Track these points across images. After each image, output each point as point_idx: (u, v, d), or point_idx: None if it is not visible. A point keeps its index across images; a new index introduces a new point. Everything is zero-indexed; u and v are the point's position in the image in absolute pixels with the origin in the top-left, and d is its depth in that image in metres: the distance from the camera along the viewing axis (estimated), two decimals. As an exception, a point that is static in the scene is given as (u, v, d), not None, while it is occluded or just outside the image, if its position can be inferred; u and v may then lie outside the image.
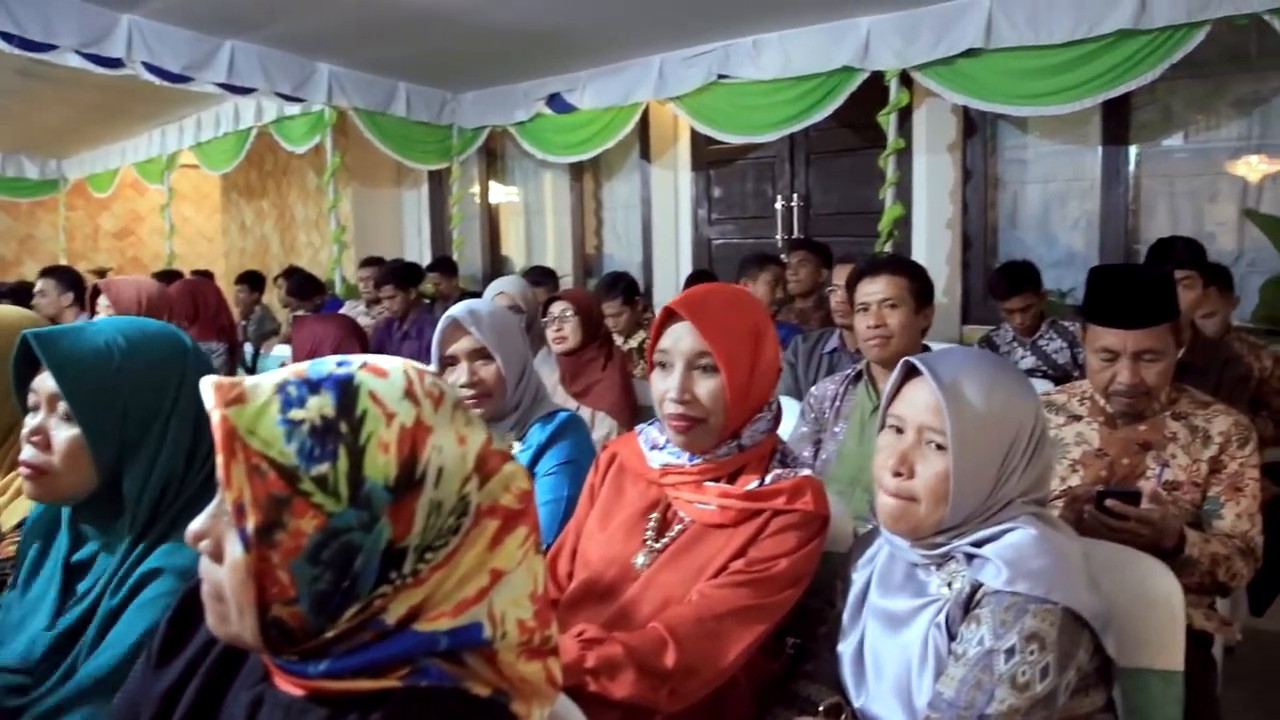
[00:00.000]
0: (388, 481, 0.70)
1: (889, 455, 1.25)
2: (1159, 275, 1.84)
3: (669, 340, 1.42)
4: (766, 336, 1.43)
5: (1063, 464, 1.95)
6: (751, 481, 1.41)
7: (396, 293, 4.71)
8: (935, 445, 1.22)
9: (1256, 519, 1.83)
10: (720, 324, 1.37)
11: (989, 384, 1.22)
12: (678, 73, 5.29)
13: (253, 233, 9.40)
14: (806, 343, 3.21)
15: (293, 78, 5.70)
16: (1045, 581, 1.14)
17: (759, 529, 1.37)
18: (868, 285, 2.37)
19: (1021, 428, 1.22)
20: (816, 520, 1.38)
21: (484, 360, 1.83)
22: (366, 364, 0.75)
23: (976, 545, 1.21)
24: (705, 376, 1.39)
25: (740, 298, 1.45)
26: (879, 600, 1.30)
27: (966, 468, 1.19)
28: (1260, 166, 4.33)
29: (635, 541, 1.44)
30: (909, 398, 1.27)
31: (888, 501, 1.24)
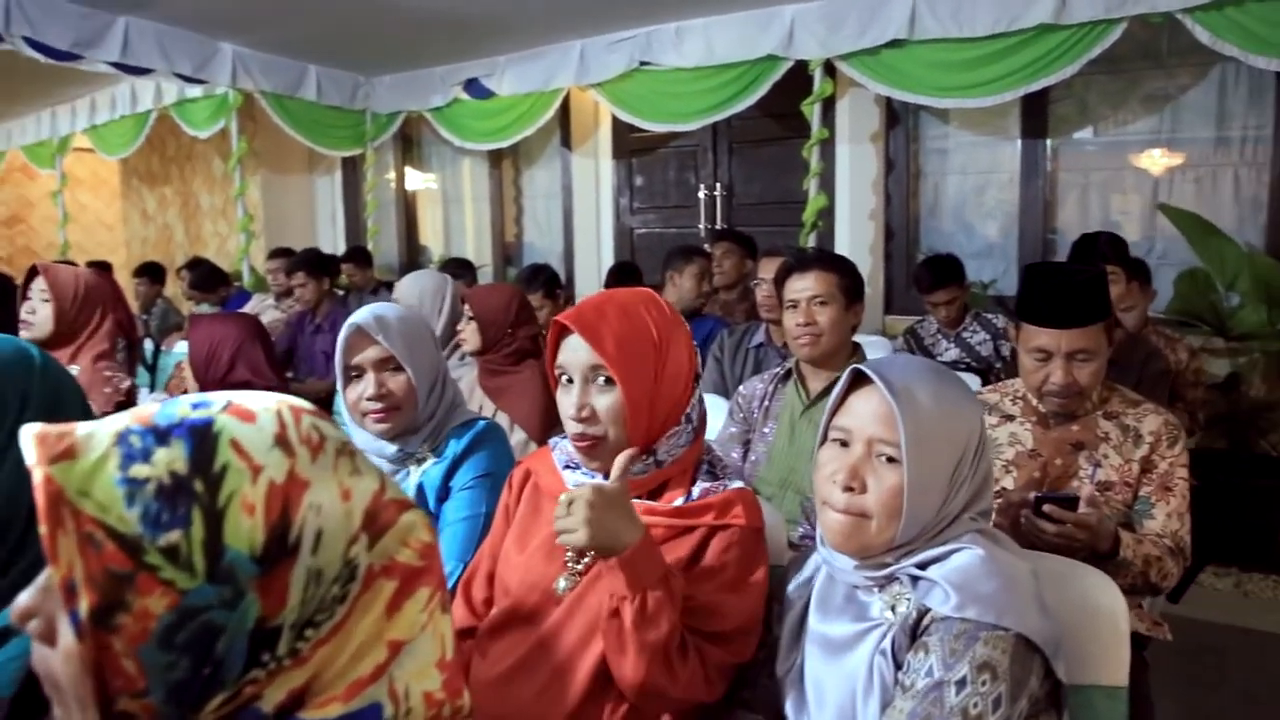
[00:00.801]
0: (254, 550, 0.58)
1: (837, 470, 1.17)
2: (1093, 274, 1.82)
3: (565, 354, 1.32)
4: (673, 343, 1.33)
5: (996, 465, 1.91)
6: (677, 497, 1.32)
7: (308, 282, 4.50)
8: (887, 458, 1.14)
9: (1186, 518, 1.82)
10: (615, 334, 1.28)
11: (937, 392, 1.15)
12: (599, 59, 5.17)
13: (155, 221, 8.97)
14: (732, 337, 3.14)
15: (193, 58, 5.39)
16: (996, 606, 1.07)
17: (698, 546, 1.28)
18: (797, 282, 2.30)
19: (970, 437, 1.17)
20: (753, 535, 1.30)
21: (393, 371, 1.70)
22: (230, 405, 0.62)
23: (922, 567, 1.15)
24: (602, 391, 1.29)
25: (638, 304, 1.34)
26: (818, 625, 1.23)
27: (920, 481, 1.12)
28: (1170, 161, 4.42)
29: (556, 564, 1.34)
30: (856, 409, 1.19)
31: (837, 519, 1.16)
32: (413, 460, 1.73)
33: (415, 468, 1.73)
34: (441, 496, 1.68)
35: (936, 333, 3.80)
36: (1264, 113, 4.18)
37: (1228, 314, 3.84)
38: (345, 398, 1.71)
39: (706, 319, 3.59)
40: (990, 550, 1.13)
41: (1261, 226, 4.19)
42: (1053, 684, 1.12)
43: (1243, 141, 4.27)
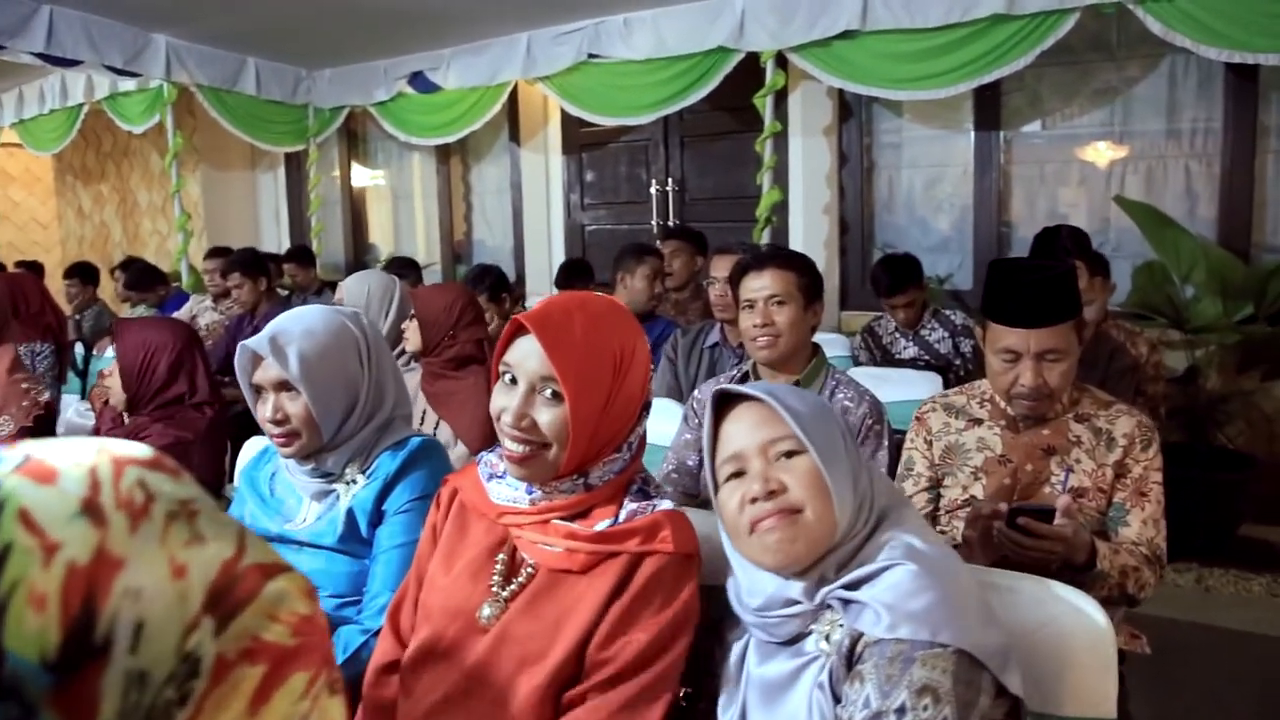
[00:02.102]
0: (46, 655, 0.44)
1: (747, 493, 1.10)
2: (1061, 271, 1.73)
3: (515, 354, 1.21)
4: (634, 366, 1.23)
5: (964, 472, 1.83)
6: (604, 520, 1.22)
7: (244, 282, 4.32)
8: (786, 453, 1.11)
9: (1161, 525, 1.76)
10: (577, 349, 1.17)
11: (786, 386, 1.18)
12: (547, 51, 5.04)
13: (91, 220, 8.67)
14: (686, 337, 3.03)
15: (124, 50, 5.17)
16: (931, 622, 0.99)
17: (622, 576, 1.17)
18: (753, 281, 2.18)
19: (836, 420, 1.17)
20: (682, 561, 1.20)
21: (291, 394, 1.55)
22: (27, 461, 0.49)
23: (853, 588, 1.06)
24: (548, 404, 1.19)
25: (608, 318, 1.24)
26: (757, 668, 1.14)
27: (828, 453, 1.09)
28: (1121, 153, 4.40)
29: (481, 589, 1.23)
30: (737, 432, 1.15)
31: (771, 532, 1.08)
32: (341, 481, 1.60)
33: (344, 489, 1.59)
34: (374, 521, 1.55)
35: (894, 331, 3.73)
36: (1213, 105, 4.17)
37: (1184, 306, 3.82)
38: (256, 415, 1.58)
39: (658, 320, 3.47)
40: (921, 563, 1.04)
41: (1212, 219, 4.18)
42: (1010, 702, 1.02)
43: (1192, 133, 4.26)
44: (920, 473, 1.89)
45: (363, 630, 1.47)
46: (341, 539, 1.54)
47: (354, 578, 1.55)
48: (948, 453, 1.86)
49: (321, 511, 1.59)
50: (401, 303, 2.90)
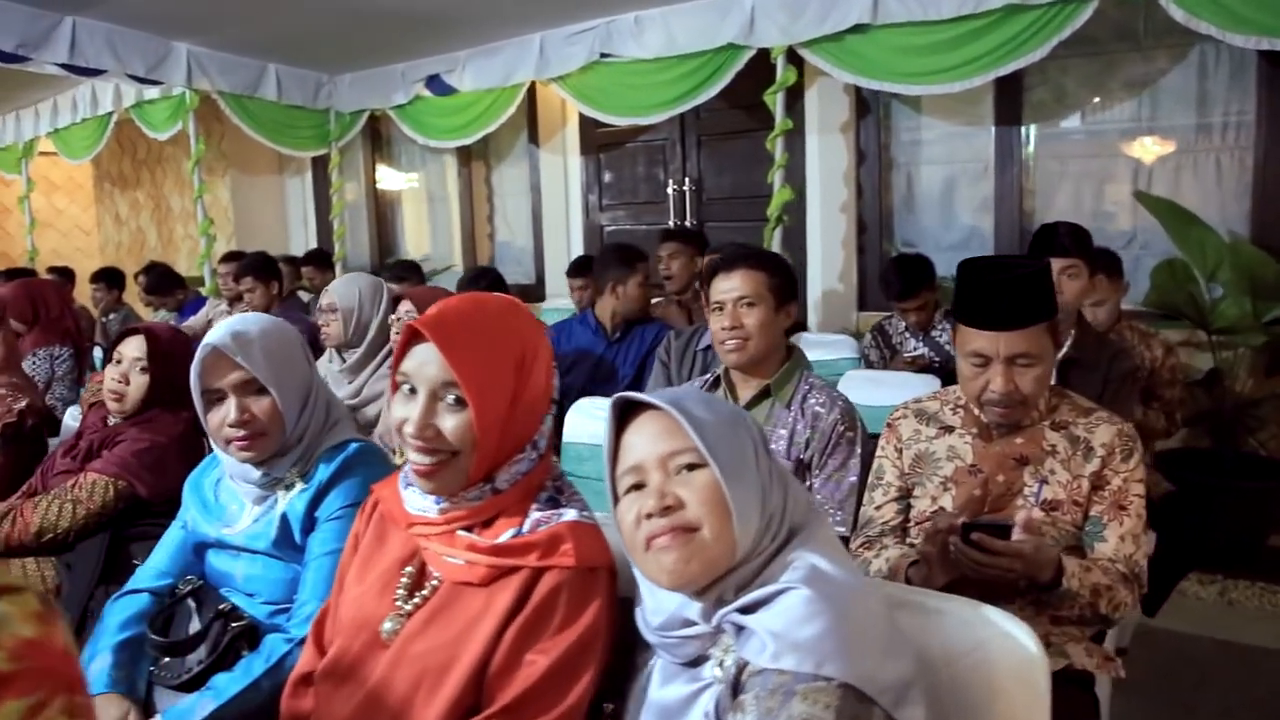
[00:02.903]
0: None
1: (643, 507, 1.03)
2: (1033, 270, 1.63)
3: (412, 363, 1.16)
4: (537, 364, 1.19)
5: (933, 482, 1.74)
6: (509, 530, 1.16)
7: (256, 286, 4.34)
8: (687, 466, 1.04)
9: (1141, 540, 1.65)
10: (475, 351, 1.12)
11: (703, 399, 1.09)
12: (559, 51, 5.00)
13: (128, 225, 8.83)
14: (679, 340, 2.96)
15: (146, 58, 5.22)
16: (817, 652, 0.91)
17: (521, 592, 1.11)
18: (722, 282, 2.10)
19: (750, 431, 1.09)
20: (586, 575, 1.13)
21: (256, 394, 1.53)
22: None
23: (748, 611, 0.99)
24: (451, 410, 1.14)
25: (506, 317, 1.19)
26: (657, 691, 1.07)
27: (731, 468, 1.02)
28: (1151, 147, 4.25)
29: (386, 602, 1.18)
30: (638, 442, 1.07)
31: (666, 551, 1.01)
32: (280, 486, 1.56)
33: (283, 494, 1.56)
34: (307, 527, 1.52)
35: (904, 331, 3.63)
36: (1245, 95, 4.00)
37: (1208, 307, 3.66)
38: (207, 423, 1.55)
39: (653, 324, 3.40)
40: (819, 588, 0.96)
41: (1245, 215, 4.01)
42: None
43: (1224, 126, 4.09)
44: (890, 482, 1.81)
45: (287, 639, 1.43)
46: (275, 544, 1.51)
47: (288, 584, 1.52)
48: (918, 461, 1.77)
49: (259, 515, 1.56)
50: (389, 304, 2.86)
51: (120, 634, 1.50)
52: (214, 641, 1.44)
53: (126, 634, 1.50)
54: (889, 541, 1.74)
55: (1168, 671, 2.82)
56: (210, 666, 1.42)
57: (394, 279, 3.69)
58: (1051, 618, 1.59)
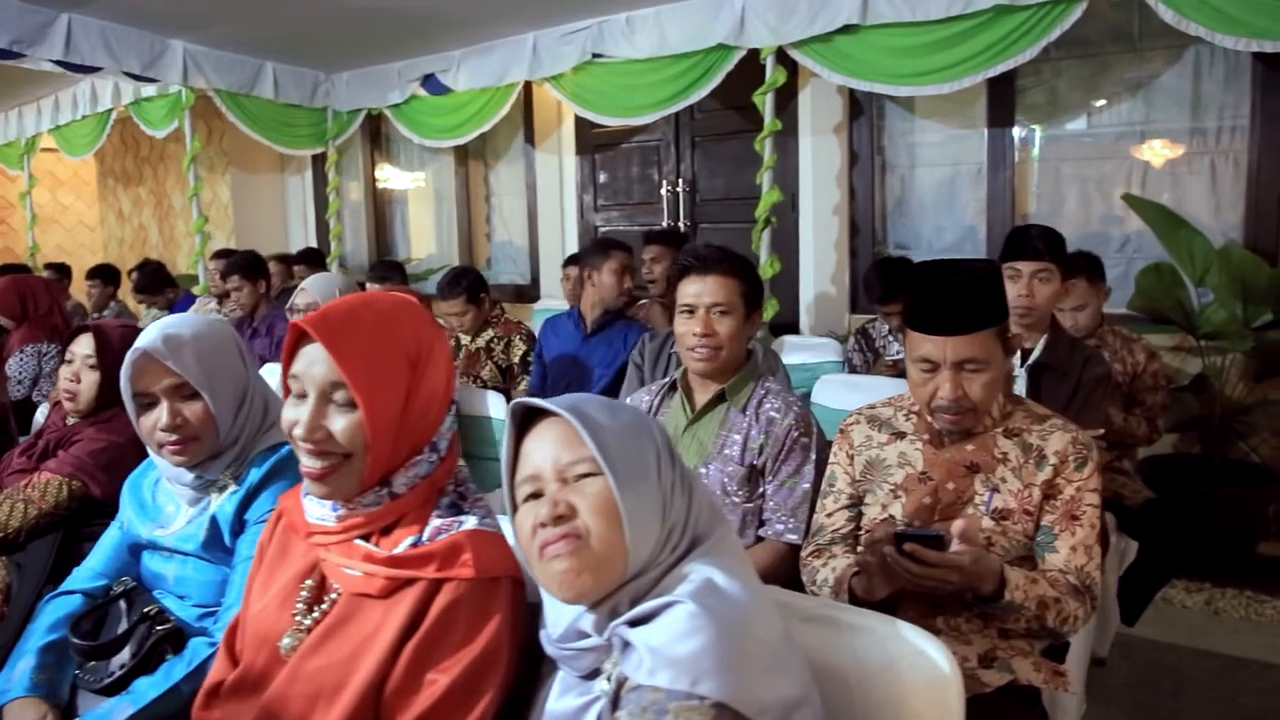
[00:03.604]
0: None
1: (537, 516, 1.00)
2: (980, 273, 1.60)
3: (301, 364, 1.14)
4: (432, 362, 1.16)
5: (884, 489, 1.70)
6: (408, 538, 1.13)
7: (243, 284, 4.34)
8: (582, 475, 1.01)
9: (1095, 551, 1.60)
10: (363, 349, 1.10)
11: (605, 405, 1.07)
12: (552, 51, 4.98)
13: (130, 222, 8.88)
14: (653, 342, 2.93)
15: (142, 56, 5.23)
16: (693, 670, 0.88)
17: (419, 605, 1.08)
18: (694, 285, 2.03)
19: (654, 438, 1.06)
20: (487, 587, 1.10)
21: (188, 398, 1.51)
22: None
23: (637, 624, 0.96)
24: (342, 412, 1.11)
25: (397, 314, 1.16)
26: (552, 704, 1.05)
27: (626, 478, 0.99)
28: (1145, 150, 4.20)
29: (286, 617, 1.16)
30: (537, 450, 1.04)
31: (557, 560, 0.98)
32: (214, 488, 1.55)
33: (216, 496, 1.54)
34: (236, 530, 1.50)
35: (888, 334, 3.58)
36: (1240, 98, 3.95)
37: (1196, 311, 3.61)
38: (139, 427, 1.53)
39: (634, 326, 3.38)
40: (707, 601, 0.94)
41: (1240, 218, 3.96)
42: None
43: (1218, 129, 4.04)
44: (841, 489, 1.78)
45: (210, 643, 1.41)
46: (204, 546, 1.50)
47: (218, 586, 1.50)
48: (869, 468, 1.74)
49: (193, 517, 1.54)
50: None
51: (48, 636, 1.49)
52: (138, 644, 1.43)
53: (54, 636, 1.49)
54: (838, 550, 1.71)
55: (1144, 681, 2.79)
56: (133, 670, 1.41)
57: (375, 279, 3.67)
58: (1000, 631, 1.56)
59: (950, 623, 1.56)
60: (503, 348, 3.58)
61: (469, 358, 3.59)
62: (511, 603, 1.11)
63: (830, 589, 1.63)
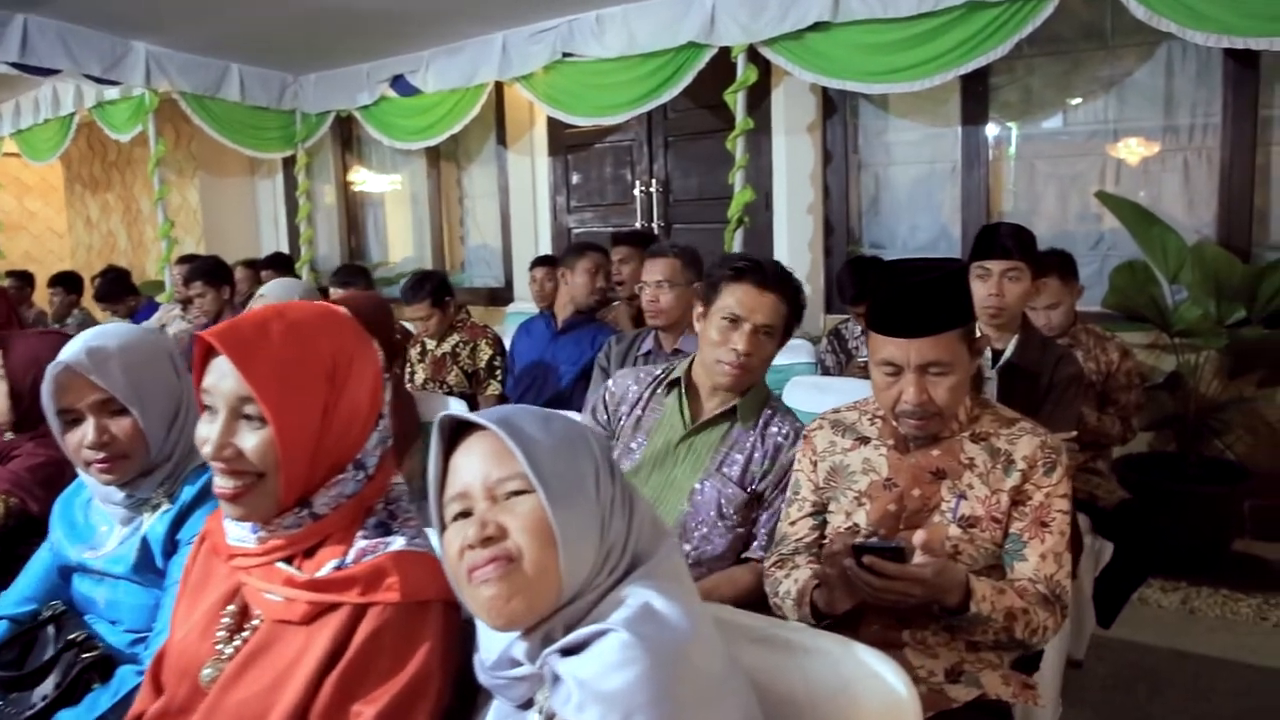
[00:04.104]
0: None
1: (466, 537, 0.93)
2: (944, 273, 1.55)
3: (211, 378, 1.08)
4: (354, 374, 1.09)
5: (847, 496, 1.65)
6: (331, 560, 1.07)
7: (207, 290, 4.25)
8: (513, 493, 0.95)
9: (1064, 559, 1.55)
10: (273, 361, 1.03)
11: (533, 412, 1.01)
12: (522, 50, 4.92)
13: (99, 228, 8.74)
14: (620, 345, 2.88)
15: (103, 58, 5.12)
16: (624, 704, 0.83)
17: (342, 633, 1.02)
18: (749, 297, 1.85)
19: (592, 452, 0.99)
20: (414, 612, 1.03)
21: (116, 414, 1.43)
22: None
23: (570, 653, 0.91)
24: (252, 428, 1.05)
25: (314, 323, 1.10)
26: None
27: (561, 494, 0.93)
28: (1119, 147, 4.18)
29: (207, 646, 1.09)
30: (465, 466, 0.98)
31: (486, 585, 0.91)
32: (147, 507, 1.47)
33: (149, 515, 1.47)
34: (169, 550, 1.43)
35: (860, 335, 3.54)
36: (1212, 95, 3.93)
37: (1170, 309, 3.58)
38: (64, 444, 1.45)
39: (603, 329, 3.31)
40: (643, 628, 0.88)
41: (1212, 216, 3.94)
42: None
43: (1191, 126, 4.02)
44: (805, 497, 1.72)
45: (138, 671, 1.34)
46: (135, 568, 1.42)
47: (151, 610, 1.43)
48: (833, 475, 1.68)
49: (125, 537, 1.47)
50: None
51: (-32, 666, 1.42)
52: (62, 674, 1.36)
53: (-26, 666, 1.42)
54: (801, 560, 1.66)
55: (1121, 684, 2.75)
56: (56, 701, 1.34)
57: (338, 284, 3.59)
58: (968, 643, 1.50)
59: (916, 635, 1.51)
60: (469, 352, 3.51)
61: (435, 363, 3.51)
62: (443, 628, 1.04)
63: (793, 601, 1.57)
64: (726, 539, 1.85)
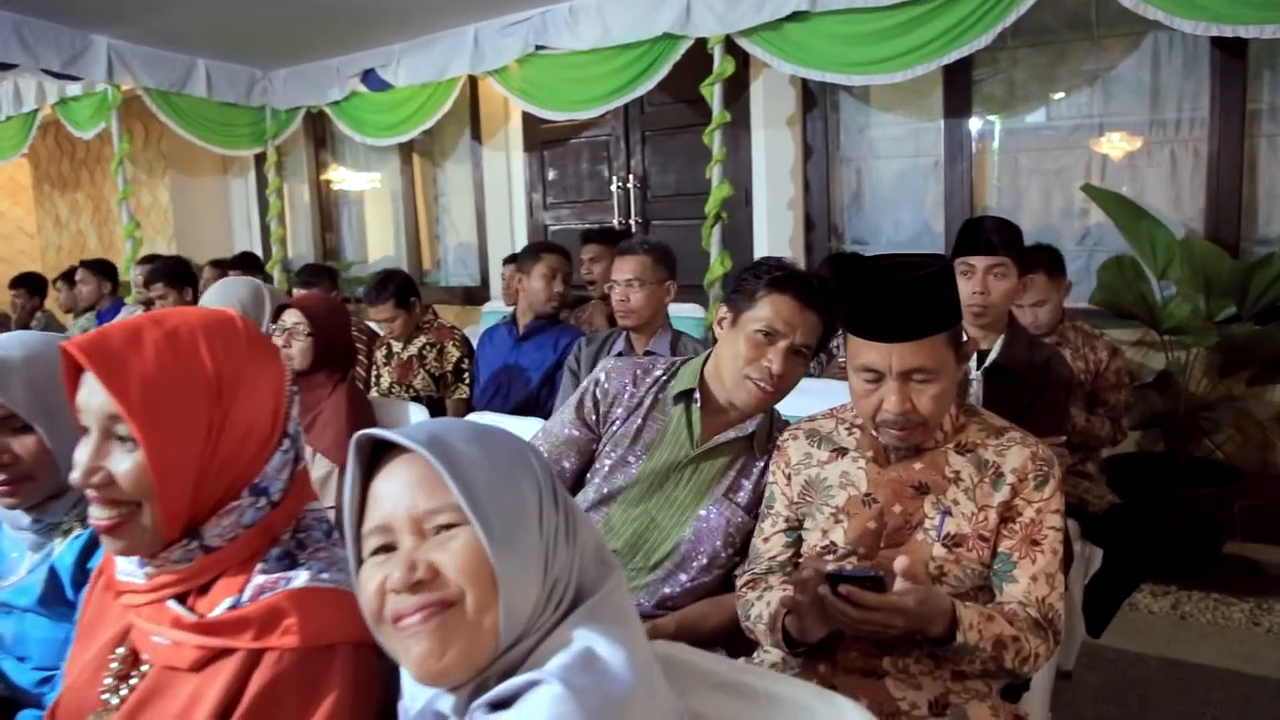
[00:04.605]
0: None
1: (388, 578, 0.81)
2: (930, 272, 1.42)
3: (82, 394, 0.96)
4: (244, 389, 0.97)
5: (824, 513, 1.53)
6: (227, 598, 0.95)
7: (168, 292, 4.10)
8: (444, 526, 0.82)
9: (1057, 580, 1.43)
10: (144, 375, 0.91)
11: (466, 428, 0.88)
12: (494, 43, 4.79)
13: (69, 228, 8.55)
14: (590, 346, 2.75)
15: (62, 52, 4.96)
16: None
17: (239, 677, 0.89)
18: (798, 316, 1.68)
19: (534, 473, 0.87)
20: (319, 657, 0.91)
21: (18, 432, 1.29)
22: None
23: (498, 707, 0.79)
24: (126, 450, 0.93)
25: (197, 333, 0.97)
26: None
27: (499, 527, 0.80)
28: (1105, 140, 4.09)
29: (93, 695, 0.97)
30: (387, 492, 0.85)
31: (415, 639, 0.80)
32: (58, 532, 1.34)
33: (60, 540, 1.34)
34: (79, 580, 1.30)
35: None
36: (1199, 86, 3.84)
37: (1159, 305, 3.49)
38: None
39: (566, 331, 3.19)
40: (580, 679, 0.76)
41: (1199, 210, 3.85)
42: None
43: (1178, 118, 3.93)
44: (779, 512, 1.60)
45: (38, 717, 1.21)
46: (41, 600, 1.29)
47: (61, 646, 1.29)
48: (807, 489, 1.56)
49: (35, 565, 1.34)
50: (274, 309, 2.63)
51: None
52: (-45, 720, 1.23)
53: None
54: (775, 581, 1.54)
55: (1112, 695, 2.65)
56: (-52, 750, 1.21)
57: (301, 284, 3.46)
58: (953, 672, 1.39)
59: (898, 663, 1.39)
60: (435, 355, 3.38)
61: (401, 366, 3.38)
62: (353, 675, 0.91)
63: (765, 626, 1.46)
64: (724, 569, 1.70)
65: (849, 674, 1.39)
